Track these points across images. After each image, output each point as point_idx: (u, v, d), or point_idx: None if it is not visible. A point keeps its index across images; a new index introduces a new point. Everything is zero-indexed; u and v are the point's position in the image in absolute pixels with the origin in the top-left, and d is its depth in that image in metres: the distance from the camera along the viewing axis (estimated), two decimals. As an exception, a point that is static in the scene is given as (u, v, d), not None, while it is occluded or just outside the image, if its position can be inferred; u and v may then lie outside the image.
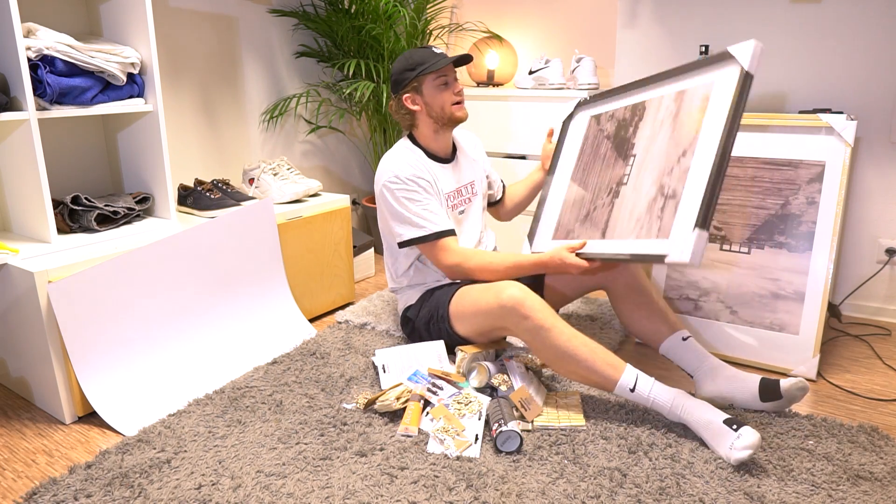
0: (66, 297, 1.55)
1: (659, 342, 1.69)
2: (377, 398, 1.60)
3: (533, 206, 2.65)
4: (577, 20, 2.78)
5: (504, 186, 2.14)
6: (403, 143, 1.87)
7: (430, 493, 1.29)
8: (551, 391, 1.69)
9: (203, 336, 1.85)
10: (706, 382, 1.60)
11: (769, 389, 1.53)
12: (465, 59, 1.79)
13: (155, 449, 1.46)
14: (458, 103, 1.81)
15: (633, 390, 1.48)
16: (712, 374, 1.60)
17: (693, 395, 1.56)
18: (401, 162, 1.78)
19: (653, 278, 2.03)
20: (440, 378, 1.67)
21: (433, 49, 1.80)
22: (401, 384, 1.63)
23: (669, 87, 1.59)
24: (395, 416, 1.58)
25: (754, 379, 1.56)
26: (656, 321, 1.69)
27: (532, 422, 1.53)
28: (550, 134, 1.99)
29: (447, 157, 1.90)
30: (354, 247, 2.59)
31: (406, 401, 1.57)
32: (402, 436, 1.49)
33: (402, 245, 1.79)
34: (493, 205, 2.12)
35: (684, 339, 1.65)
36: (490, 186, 2.08)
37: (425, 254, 1.80)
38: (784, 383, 1.51)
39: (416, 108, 1.81)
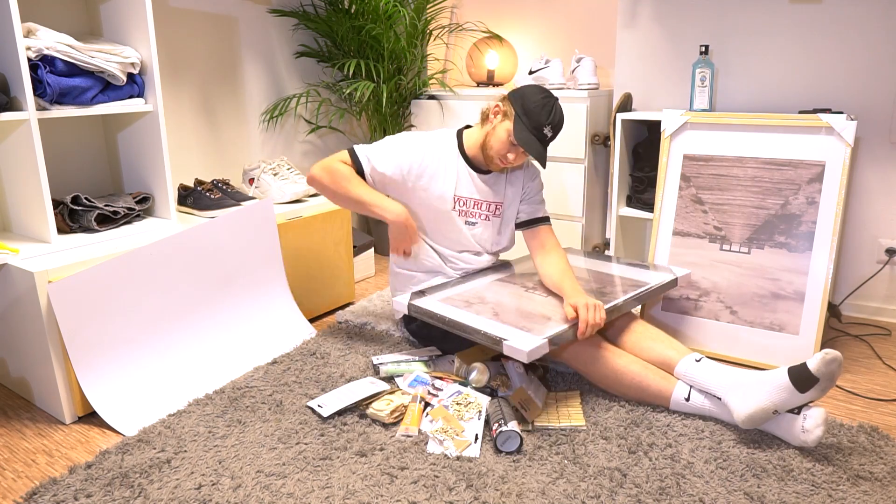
0: (66, 297, 1.55)
1: (671, 367, 1.62)
2: (374, 398, 1.60)
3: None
4: (577, 20, 2.78)
5: (539, 222, 1.91)
6: (446, 132, 1.88)
7: (430, 493, 1.29)
8: (551, 391, 1.69)
9: (203, 336, 1.85)
10: (737, 400, 1.46)
11: (802, 378, 1.39)
12: (543, 160, 1.73)
13: (155, 449, 1.46)
14: (504, 162, 1.76)
15: (687, 399, 1.55)
16: (741, 389, 1.47)
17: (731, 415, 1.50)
18: (426, 136, 1.84)
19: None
20: (440, 379, 1.67)
21: (544, 127, 1.70)
22: (394, 400, 1.59)
23: None
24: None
25: (782, 374, 1.42)
26: (664, 347, 1.64)
27: (532, 422, 1.53)
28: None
29: (481, 168, 1.86)
30: (354, 247, 2.59)
31: (400, 415, 1.56)
32: (402, 436, 1.49)
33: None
34: (523, 229, 1.94)
35: (697, 361, 1.58)
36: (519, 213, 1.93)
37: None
38: (811, 364, 1.38)
39: (488, 123, 1.79)
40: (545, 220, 1.90)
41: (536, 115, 1.69)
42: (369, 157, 1.80)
